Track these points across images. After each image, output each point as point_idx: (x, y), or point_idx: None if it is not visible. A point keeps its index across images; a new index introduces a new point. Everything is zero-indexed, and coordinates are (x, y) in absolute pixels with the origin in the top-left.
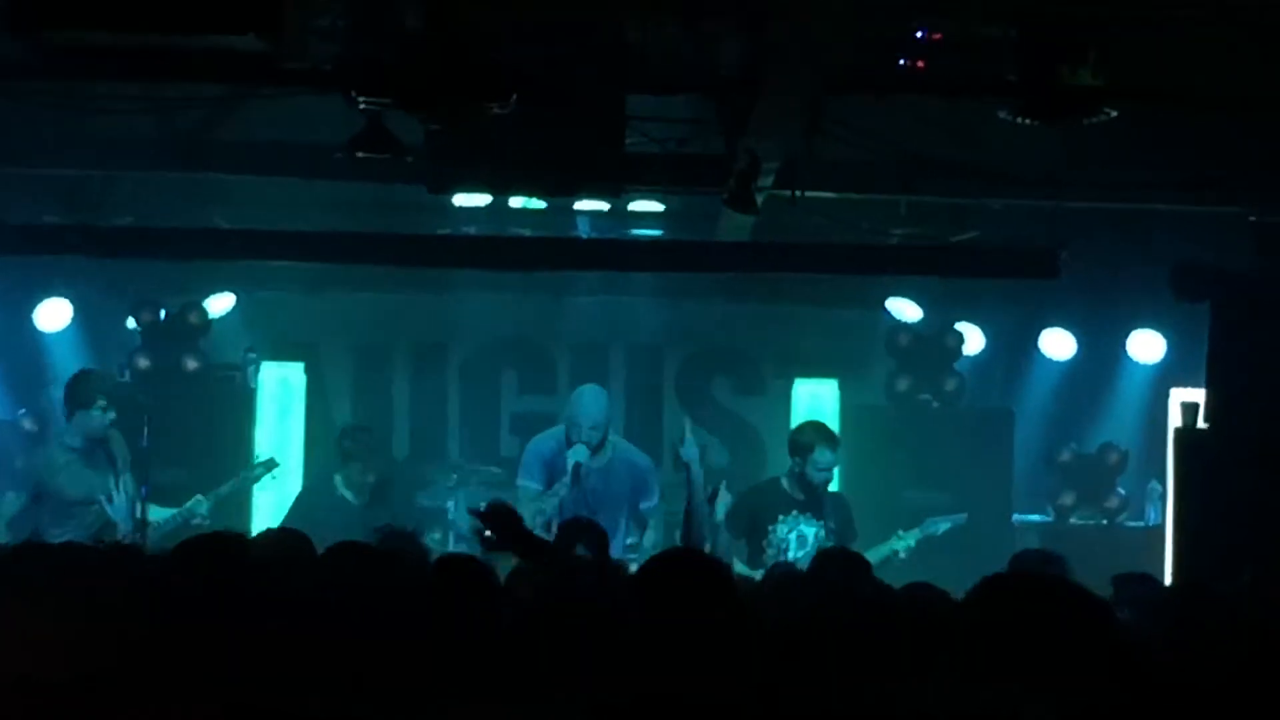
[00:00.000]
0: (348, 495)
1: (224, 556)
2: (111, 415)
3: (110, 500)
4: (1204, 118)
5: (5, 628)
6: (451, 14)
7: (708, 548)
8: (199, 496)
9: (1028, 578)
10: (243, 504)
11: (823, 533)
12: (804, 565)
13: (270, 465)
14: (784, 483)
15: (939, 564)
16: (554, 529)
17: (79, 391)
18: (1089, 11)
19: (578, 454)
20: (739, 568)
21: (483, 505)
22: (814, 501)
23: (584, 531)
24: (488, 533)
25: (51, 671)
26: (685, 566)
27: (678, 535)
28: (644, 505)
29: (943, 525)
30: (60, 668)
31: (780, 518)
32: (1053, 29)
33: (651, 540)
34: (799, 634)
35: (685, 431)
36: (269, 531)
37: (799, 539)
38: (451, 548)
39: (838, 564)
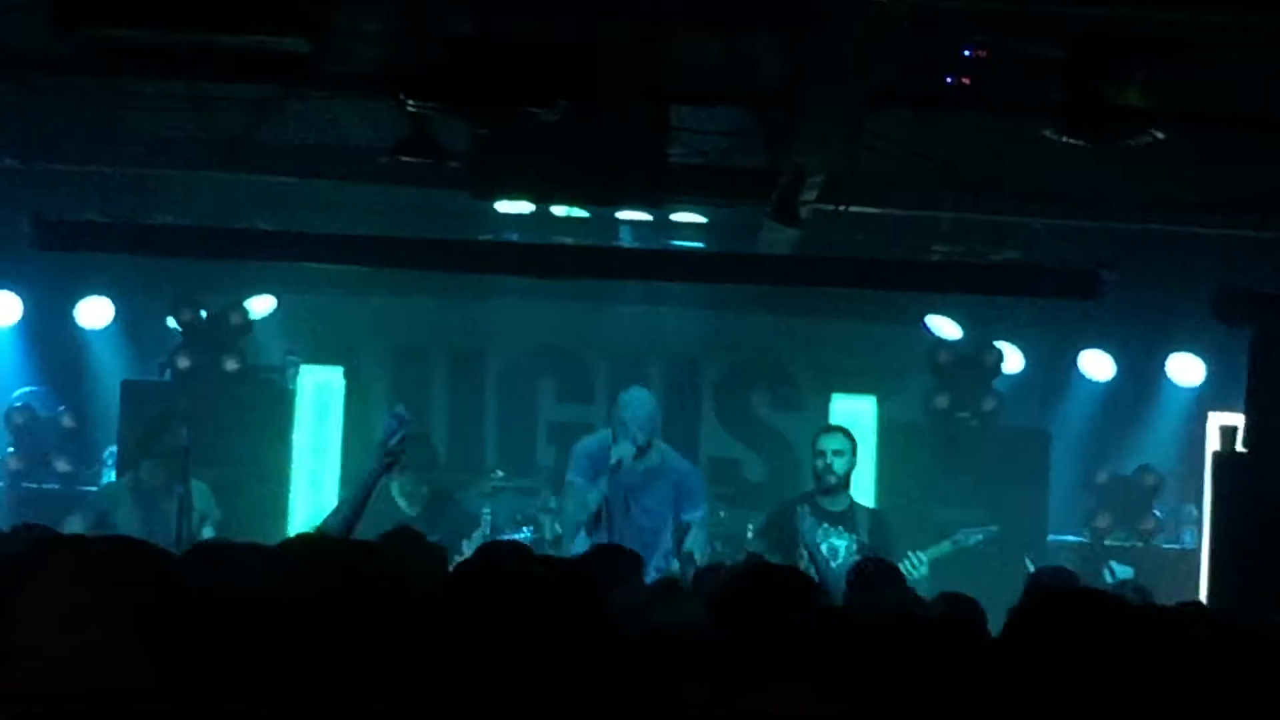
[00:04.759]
0: (402, 504)
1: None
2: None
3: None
4: (1249, 141)
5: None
6: (500, 20)
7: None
8: None
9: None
10: (281, 510)
11: (854, 545)
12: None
13: None
14: (812, 495)
15: (975, 580)
16: (603, 520)
17: (156, 442)
18: (1137, 32)
19: (621, 450)
20: None
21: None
22: (844, 516)
23: (618, 557)
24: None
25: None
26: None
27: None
28: (686, 516)
29: (975, 537)
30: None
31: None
32: (1100, 49)
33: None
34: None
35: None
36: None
37: (830, 551)
38: None
39: (872, 575)
